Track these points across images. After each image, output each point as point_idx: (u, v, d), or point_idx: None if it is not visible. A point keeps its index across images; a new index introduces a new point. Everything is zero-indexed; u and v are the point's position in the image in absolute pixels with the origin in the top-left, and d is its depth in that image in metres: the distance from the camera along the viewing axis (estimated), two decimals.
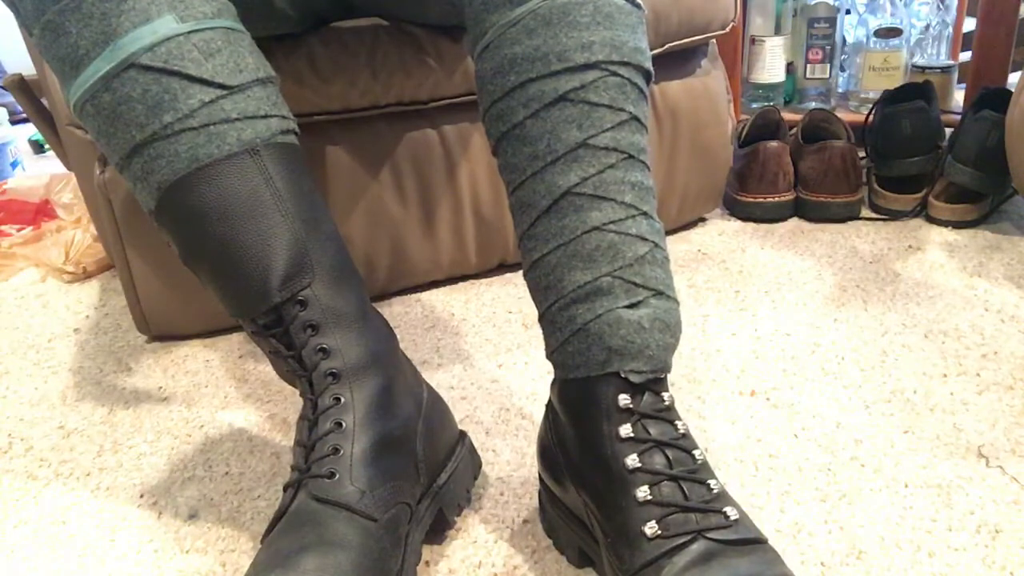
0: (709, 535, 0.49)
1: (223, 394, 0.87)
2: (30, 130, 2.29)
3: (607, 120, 0.53)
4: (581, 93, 0.53)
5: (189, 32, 0.55)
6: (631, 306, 0.53)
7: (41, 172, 1.52)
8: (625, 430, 0.52)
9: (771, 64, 1.52)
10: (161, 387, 0.90)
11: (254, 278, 0.56)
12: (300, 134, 0.62)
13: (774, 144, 1.20)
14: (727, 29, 1.12)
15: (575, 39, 0.53)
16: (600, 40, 0.53)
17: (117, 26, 0.53)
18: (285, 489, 0.56)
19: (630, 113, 0.54)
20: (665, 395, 0.54)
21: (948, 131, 1.30)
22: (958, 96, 1.53)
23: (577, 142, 0.53)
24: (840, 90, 1.62)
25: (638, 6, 0.57)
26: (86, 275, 1.22)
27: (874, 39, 1.48)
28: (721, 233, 1.21)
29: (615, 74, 0.54)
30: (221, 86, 0.55)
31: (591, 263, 0.53)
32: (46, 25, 0.54)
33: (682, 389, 0.81)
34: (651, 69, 0.57)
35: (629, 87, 0.54)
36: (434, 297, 1.06)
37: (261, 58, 0.59)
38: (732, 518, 0.50)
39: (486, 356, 0.91)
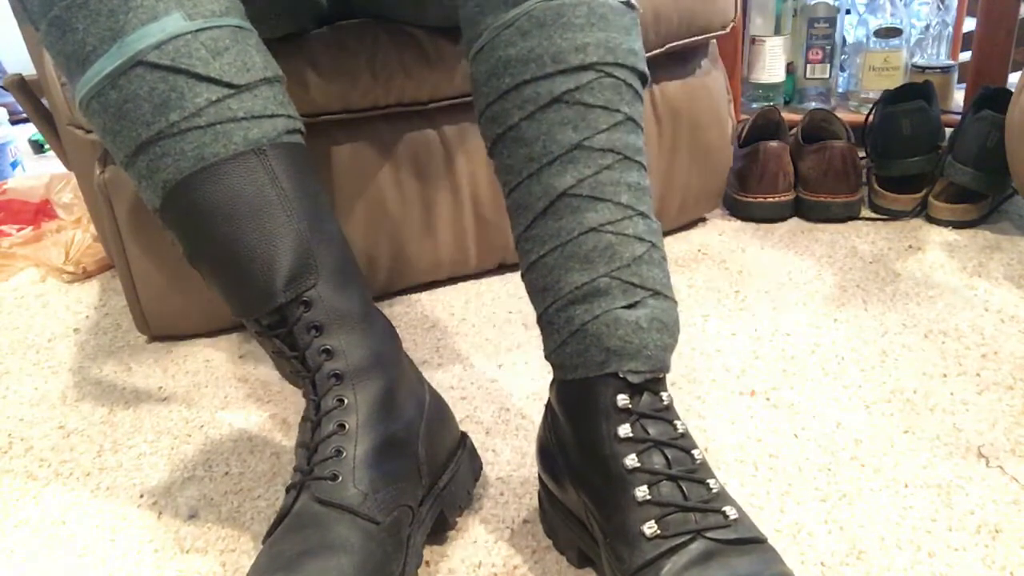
0: (708, 535, 0.49)
1: (223, 394, 0.87)
2: (30, 130, 2.29)
3: (602, 121, 0.53)
4: (576, 95, 0.53)
5: (197, 30, 0.54)
6: (629, 306, 0.53)
7: (41, 172, 1.52)
8: (624, 430, 0.52)
9: (771, 64, 1.52)
10: (161, 387, 0.90)
11: (259, 278, 0.56)
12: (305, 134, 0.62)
13: (774, 144, 1.20)
14: (727, 29, 1.12)
15: (569, 40, 0.53)
16: (595, 42, 0.53)
17: (125, 23, 0.53)
18: (287, 490, 0.56)
19: (625, 114, 0.54)
20: (664, 395, 0.54)
21: (948, 131, 1.30)
22: (958, 96, 1.52)
23: (573, 143, 0.53)
24: (840, 90, 1.62)
25: (632, 7, 0.57)
26: (86, 275, 1.22)
27: (874, 39, 1.48)
28: (721, 233, 1.21)
29: (610, 75, 0.54)
30: (228, 85, 0.55)
31: (588, 264, 0.53)
32: (53, 21, 0.54)
33: (682, 389, 0.82)
34: (646, 71, 0.57)
35: (624, 88, 0.54)
36: (434, 297, 1.06)
37: (268, 57, 0.59)
38: (731, 517, 0.50)
39: (486, 356, 0.91)
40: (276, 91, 0.58)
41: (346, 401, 0.56)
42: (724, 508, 0.51)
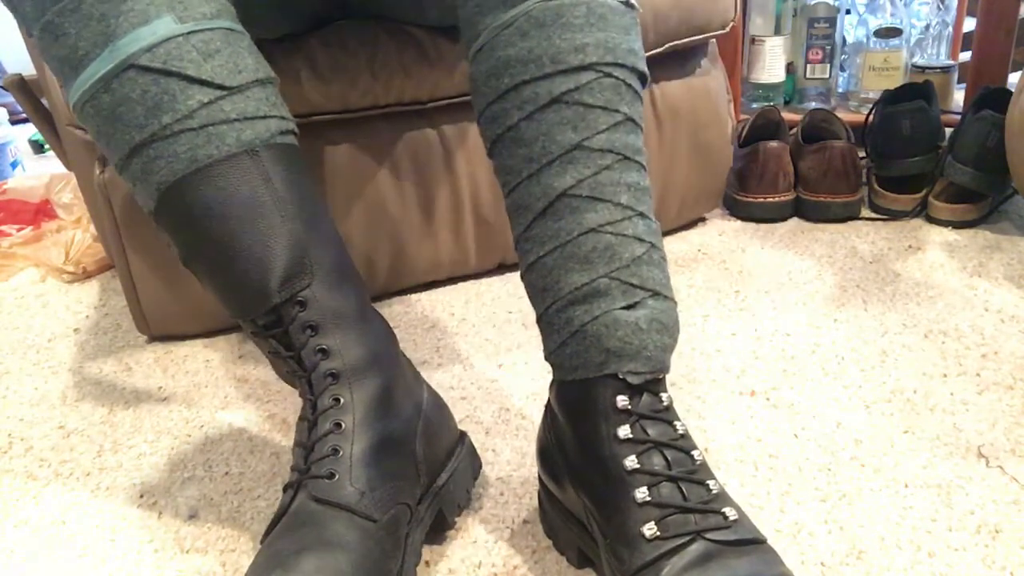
0: (708, 536, 0.49)
1: (223, 394, 0.87)
2: (30, 130, 2.29)
3: (602, 121, 0.53)
4: (575, 95, 0.53)
5: (188, 33, 0.55)
6: (628, 307, 0.53)
7: (41, 172, 1.52)
8: (623, 431, 0.52)
9: (771, 64, 1.52)
10: (161, 387, 0.90)
11: (254, 279, 0.56)
12: (299, 134, 0.62)
13: (774, 144, 1.20)
14: (727, 29, 1.12)
15: (568, 41, 0.53)
16: (594, 42, 0.53)
17: (116, 27, 0.53)
18: (285, 490, 0.56)
19: (624, 114, 0.54)
20: (663, 396, 0.54)
21: (948, 131, 1.30)
22: (958, 96, 1.52)
23: (572, 144, 0.53)
24: (840, 90, 1.62)
25: (632, 7, 0.56)
26: (86, 275, 1.22)
27: (874, 39, 1.48)
28: (721, 233, 1.21)
29: (609, 75, 0.54)
30: (220, 87, 0.55)
31: (588, 265, 0.53)
32: (45, 26, 0.54)
33: (682, 389, 0.81)
34: (645, 70, 0.57)
35: (623, 88, 0.54)
36: (434, 297, 1.06)
37: (260, 59, 0.59)
38: (731, 518, 0.50)
39: (486, 356, 0.91)
40: (268, 92, 0.58)
41: (342, 400, 0.56)
42: (724, 509, 0.51)
